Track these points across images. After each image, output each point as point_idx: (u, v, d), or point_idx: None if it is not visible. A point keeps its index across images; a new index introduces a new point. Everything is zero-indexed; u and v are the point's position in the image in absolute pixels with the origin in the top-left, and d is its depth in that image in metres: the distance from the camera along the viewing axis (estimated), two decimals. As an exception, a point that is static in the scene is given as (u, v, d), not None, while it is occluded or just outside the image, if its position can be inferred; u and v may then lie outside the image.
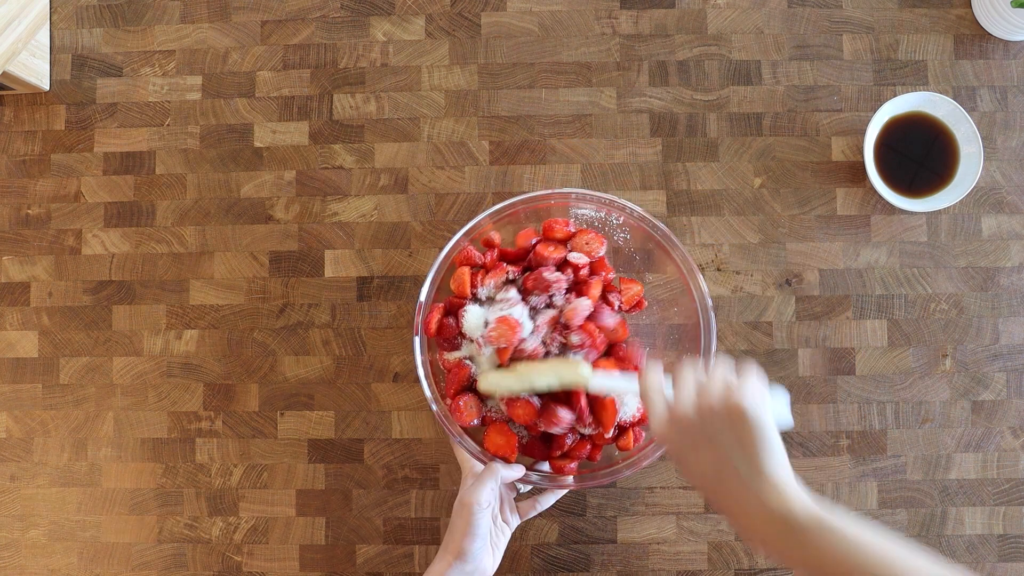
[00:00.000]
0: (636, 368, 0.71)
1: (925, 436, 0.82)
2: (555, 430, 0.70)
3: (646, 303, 0.77)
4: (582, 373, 0.66)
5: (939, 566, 0.48)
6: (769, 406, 0.56)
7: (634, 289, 0.76)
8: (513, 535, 0.82)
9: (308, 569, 0.83)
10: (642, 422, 0.73)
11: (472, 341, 0.72)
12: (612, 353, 0.73)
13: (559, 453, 0.72)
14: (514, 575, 0.82)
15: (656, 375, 0.60)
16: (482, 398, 0.73)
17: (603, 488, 0.82)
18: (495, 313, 0.70)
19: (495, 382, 0.70)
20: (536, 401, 0.70)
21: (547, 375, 0.67)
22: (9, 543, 0.84)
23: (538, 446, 0.73)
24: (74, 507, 0.84)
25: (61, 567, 0.84)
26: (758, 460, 0.53)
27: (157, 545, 0.84)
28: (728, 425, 0.54)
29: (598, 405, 0.70)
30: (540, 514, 0.82)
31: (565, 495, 0.82)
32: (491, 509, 0.66)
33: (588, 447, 0.73)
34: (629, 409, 0.71)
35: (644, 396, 0.60)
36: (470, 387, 0.73)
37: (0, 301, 0.87)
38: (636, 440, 0.73)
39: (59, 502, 0.84)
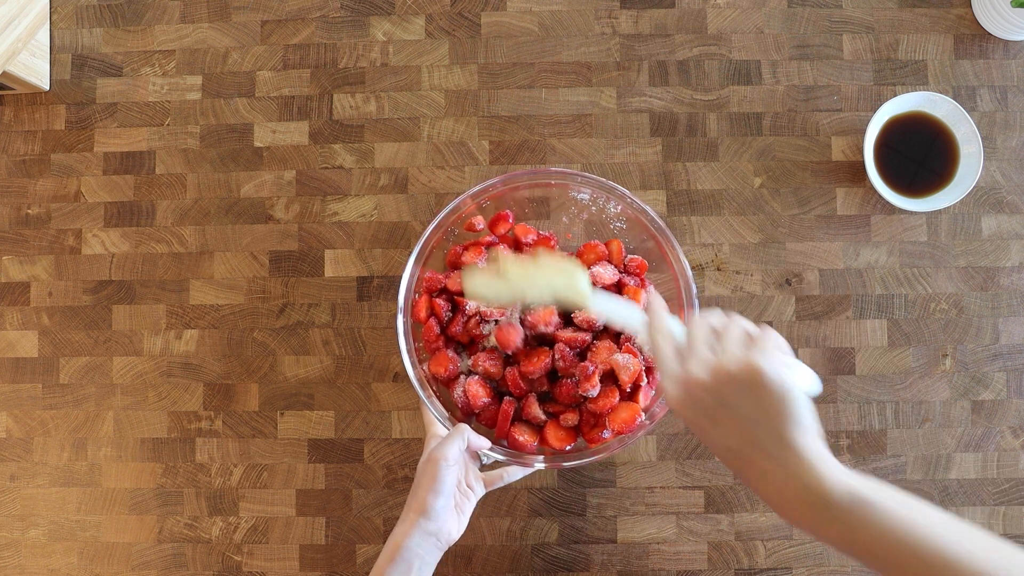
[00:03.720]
0: (637, 299, 0.69)
1: (925, 436, 0.82)
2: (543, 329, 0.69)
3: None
4: (581, 289, 0.60)
5: (993, 542, 0.43)
6: (791, 369, 0.49)
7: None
8: (513, 534, 0.82)
9: (308, 569, 0.83)
10: (651, 372, 0.72)
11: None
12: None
13: (591, 428, 0.71)
14: (514, 575, 0.82)
15: (663, 315, 0.54)
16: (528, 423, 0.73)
17: (603, 488, 0.82)
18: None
19: (483, 287, 0.62)
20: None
21: (542, 286, 0.61)
22: (9, 543, 0.84)
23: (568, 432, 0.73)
24: (74, 507, 0.84)
25: (61, 567, 0.84)
26: (784, 431, 0.47)
27: (157, 545, 0.84)
28: (747, 391, 0.47)
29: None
30: (540, 514, 0.82)
31: (565, 493, 0.82)
32: (457, 470, 0.65)
33: (608, 404, 0.70)
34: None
35: (652, 339, 0.53)
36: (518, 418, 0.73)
37: (0, 301, 0.87)
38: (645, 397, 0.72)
39: (59, 502, 0.84)
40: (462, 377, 0.73)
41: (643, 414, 0.71)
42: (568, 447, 0.72)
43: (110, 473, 0.84)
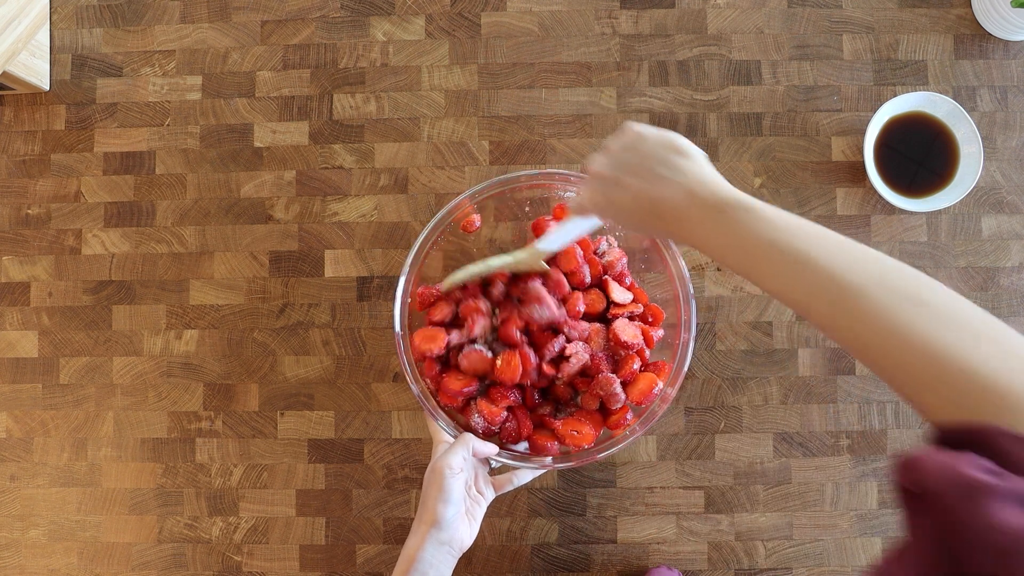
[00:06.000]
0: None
1: (925, 436, 0.82)
2: (538, 314, 0.70)
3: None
4: (535, 247, 0.69)
5: (849, 245, 0.52)
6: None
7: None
8: (513, 534, 0.82)
9: (308, 569, 0.83)
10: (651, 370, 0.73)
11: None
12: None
13: (614, 419, 0.72)
14: (514, 575, 0.82)
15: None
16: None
17: (603, 488, 0.82)
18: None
19: (455, 276, 0.71)
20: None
21: (503, 257, 0.71)
22: (9, 543, 0.84)
23: (597, 418, 0.73)
24: (74, 507, 0.84)
25: (61, 567, 0.84)
26: (678, 161, 0.56)
27: (157, 545, 0.84)
28: (660, 144, 0.57)
29: (561, 261, 0.72)
30: (540, 514, 0.82)
31: (565, 493, 0.82)
32: (464, 478, 0.65)
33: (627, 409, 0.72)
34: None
35: (577, 200, 0.62)
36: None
37: (0, 301, 0.87)
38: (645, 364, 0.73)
39: (59, 502, 0.84)
40: (474, 403, 0.73)
41: (660, 383, 0.71)
42: (596, 438, 0.72)
43: (110, 473, 0.84)
